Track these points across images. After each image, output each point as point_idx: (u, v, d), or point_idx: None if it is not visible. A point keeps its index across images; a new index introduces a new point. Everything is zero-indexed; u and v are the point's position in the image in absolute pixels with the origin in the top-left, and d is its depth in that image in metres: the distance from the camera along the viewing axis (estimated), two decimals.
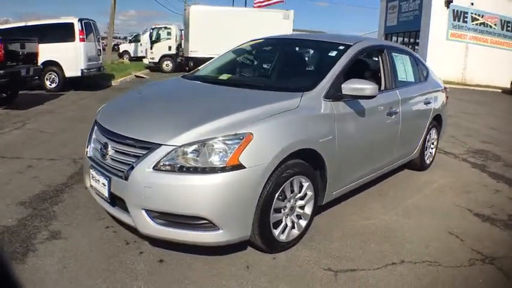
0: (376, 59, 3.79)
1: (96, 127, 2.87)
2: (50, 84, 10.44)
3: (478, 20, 24.56)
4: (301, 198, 2.75)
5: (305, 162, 2.66)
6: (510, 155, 6.24)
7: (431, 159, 5.08)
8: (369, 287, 2.41)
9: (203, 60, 18.29)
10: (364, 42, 3.52)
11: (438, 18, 23.95)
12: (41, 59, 8.97)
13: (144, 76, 15.80)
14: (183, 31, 19.74)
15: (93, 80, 11.76)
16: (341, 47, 3.36)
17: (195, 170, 2.22)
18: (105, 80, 12.61)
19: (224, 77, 3.43)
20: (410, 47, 27.17)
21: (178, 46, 18.80)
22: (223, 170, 2.21)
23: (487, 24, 24.66)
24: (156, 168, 2.26)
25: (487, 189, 4.46)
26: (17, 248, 2.56)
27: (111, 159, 2.52)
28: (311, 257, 2.69)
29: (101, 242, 2.71)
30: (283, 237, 2.65)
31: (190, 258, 2.52)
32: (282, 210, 2.60)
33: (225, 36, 15.68)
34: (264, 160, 2.31)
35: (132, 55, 25.46)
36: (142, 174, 2.28)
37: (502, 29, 24.81)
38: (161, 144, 2.28)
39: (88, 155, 2.80)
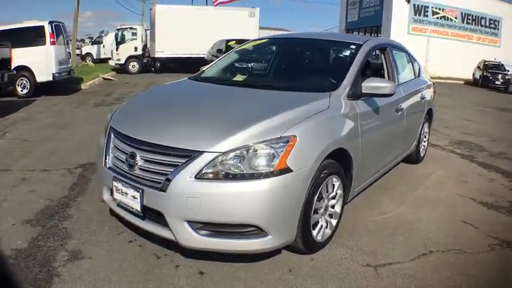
0: (381, 57, 3.99)
1: (113, 135, 2.77)
2: (21, 90, 10.13)
3: (438, 13, 26.06)
4: (333, 198, 2.86)
5: (336, 161, 2.77)
6: (492, 144, 6.75)
7: (424, 152, 5.40)
8: (410, 277, 2.56)
9: (170, 60, 18.37)
10: (372, 41, 3.70)
11: (399, 13, 25.18)
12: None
13: (112, 78, 15.54)
14: (148, 31, 19.73)
15: (63, 85, 11.39)
16: (352, 46, 3.52)
17: (242, 177, 2.22)
18: (75, 84, 12.33)
19: (239, 78, 3.46)
20: None
21: (144, 47, 18.65)
22: (271, 174, 2.23)
23: (447, 17, 26.25)
24: (199, 177, 2.23)
25: (481, 179, 4.82)
26: (38, 274, 2.39)
27: (141, 169, 2.43)
28: (346, 254, 2.81)
29: (130, 258, 2.61)
30: (319, 238, 2.75)
31: (229, 267, 2.53)
32: (318, 210, 2.69)
33: (191, 35, 16.03)
34: (308, 162, 2.39)
35: (95, 57, 25.30)
36: (183, 185, 2.23)
37: (462, 22, 26.54)
38: (203, 152, 2.25)
39: (107, 166, 2.70)
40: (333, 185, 2.81)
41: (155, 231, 2.47)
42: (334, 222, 2.92)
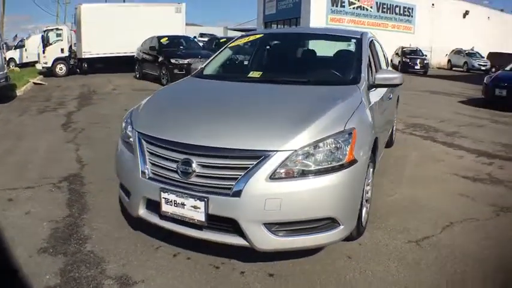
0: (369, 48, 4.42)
1: (146, 142, 2.66)
2: None
3: (354, 4, 28.28)
4: (368, 184, 3.17)
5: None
6: (442, 125, 7.76)
7: (394, 135, 6.03)
8: (450, 247, 2.98)
9: (98, 60, 17.96)
10: (365, 34, 4.09)
11: (317, 4, 26.87)
12: None
13: (43, 82, 14.70)
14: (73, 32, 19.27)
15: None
16: (354, 40, 3.88)
17: (317, 172, 2.34)
18: (9, 91, 11.30)
19: (255, 74, 3.55)
20: None
21: (70, 48, 17.82)
22: (343, 167, 2.40)
23: (363, 7, 28.63)
24: (274, 177, 2.28)
25: (452, 156, 5.58)
26: None
27: (200, 176, 2.39)
28: (385, 235, 3.14)
29: (187, 273, 2.56)
30: (364, 222, 3.04)
31: (293, 264, 2.65)
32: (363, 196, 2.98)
33: (119, 34, 16.02)
34: (366, 152, 2.65)
35: (17, 62, 24.24)
36: (260, 187, 2.26)
37: (378, 11, 29.21)
38: (277, 151, 2.31)
39: (148, 177, 2.59)
40: (370, 172, 3.11)
41: (220, 240, 2.45)
42: (368, 206, 3.24)
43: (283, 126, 2.50)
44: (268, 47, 4.22)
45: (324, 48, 4.24)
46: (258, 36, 4.27)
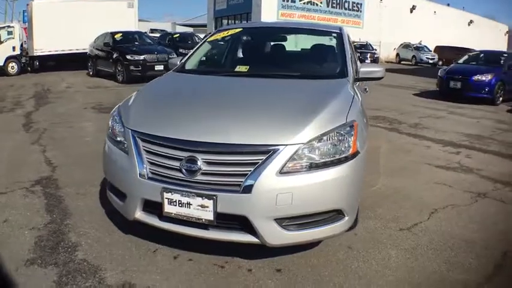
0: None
1: (142, 140, 2.58)
2: None
3: None
4: None
5: None
6: (404, 117, 8.21)
7: None
8: (439, 232, 3.20)
9: (50, 57, 17.44)
10: (343, 28, 4.25)
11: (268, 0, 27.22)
12: None
13: None
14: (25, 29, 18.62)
15: None
16: (334, 34, 4.01)
17: (324, 165, 2.40)
18: None
19: (242, 69, 3.54)
20: None
21: (21, 45, 17.10)
22: (348, 159, 2.48)
23: (313, 2, 29.39)
24: (283, 171, 2.31)
25: (420, 147, 5.95)
26: None
27: (206, 174, 2.36)
28: (378, 224, 3.30)
29: (193, 276, 2.55)
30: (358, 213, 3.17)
31: (298, 258, 2.73)
32: None
33: (70, 30, 15.69)
34: (364, 143, 2.76)
35: None
36: (271, 182, 2.29)
37: (328, 6, 30.13)
38: (286, 145, 2.34)
39: (148, 177, 2.50)
40: None
41: (227, 238, 2.45)
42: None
43: (289, 120, 2.54)
44: (250, 41, 4.25)
45: (301, 42, 4.34)
46: (237, 30, 4.28)
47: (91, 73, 14.89)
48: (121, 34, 13.72)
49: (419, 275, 2.61)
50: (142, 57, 12.18)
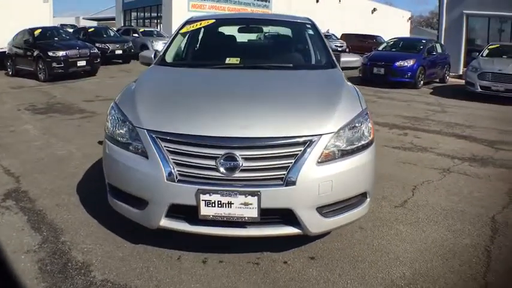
0: None
1: (163, 141, 2.50)
2: None
3: None
4: None
5: None
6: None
7: None
8: (427, 205, 3.63)
9: None
10: (309, 18, 4.51)
11: None
12: None
13: None
14: None
15: None
16: (308, 25, 4.24)
17: (353, 152, 2.59)
18: None
19: (234, 61, 3.56)
20: (155, 20, 29.35)
21: None
22: (369, 144, 2.70)
23: None
24: (321, 161, 2.46)
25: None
26: None
27: (245, 170, 2.39)
28: (373, 204, 3.55)
29: (233, 278, 2.57)
30: None
31: (322, 244, 2.93)
32: None
33: None
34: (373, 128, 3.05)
35: None
36: (313, 172, 2.42)
37: None
38: (322, 135, 2.48)
39: (178, 180, 2.45)
40: None
41: (268, 234, 2.53)
42: None
43: (314, 110, 2.70)
44: (229, 33, 4.28)
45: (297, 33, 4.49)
46: (210, 21, 4.28)
47: (10, 73, 13.65)
48: (40, 30, 12.80)
49: (434, 244, 2.98)
50: (64, 53, 11.69)
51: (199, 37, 4.22)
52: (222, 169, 2.39)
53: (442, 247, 2.94)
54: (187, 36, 4.18)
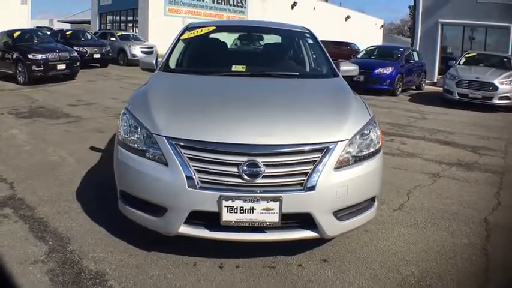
0: None
1: (183, 149, 2.55)
2: None
3: None
4: None
5: None
6: None
7: None
8: (423, 209, 3.83)
9: None
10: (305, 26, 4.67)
11: None
12: None
13: None
14: None
15: None
16: (307, 34, 4.40)
17: (364, 157, 2.74)
18: None
19: (239, 68, 3.68)
20: (130, 24, 29.15)
21: None
22: (378, 150, 2.87)
23: None
24: (337, 167, 2.59)
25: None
26: None
27: (267, 176, 2.48)
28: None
29: (254, 282, 2.63)
30: None
31: (331, 247, 3.05)
32: None
33: None
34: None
35: None
36: (331, 177, 2.55)
37: (213, 2, 31.60)
38: (338, 142, 2.62)
39: (200, 186, 2.50)
40: None
41: (287, 238, 2.63)
42: None
43: (328, 118, 2.86)
44: (234, 40, 4.37)
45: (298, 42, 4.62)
46: (211, 28, 4.34)
47: None
48: (19, 32, 12.53)
49: (435, 244, 3.17)
50: (44, 56, 11.50)
51: (202, 44, 4.28)
52: (244, 175, 2.47)
53: (443, 247, 3.13)
54: (189, 43, 4.23)
